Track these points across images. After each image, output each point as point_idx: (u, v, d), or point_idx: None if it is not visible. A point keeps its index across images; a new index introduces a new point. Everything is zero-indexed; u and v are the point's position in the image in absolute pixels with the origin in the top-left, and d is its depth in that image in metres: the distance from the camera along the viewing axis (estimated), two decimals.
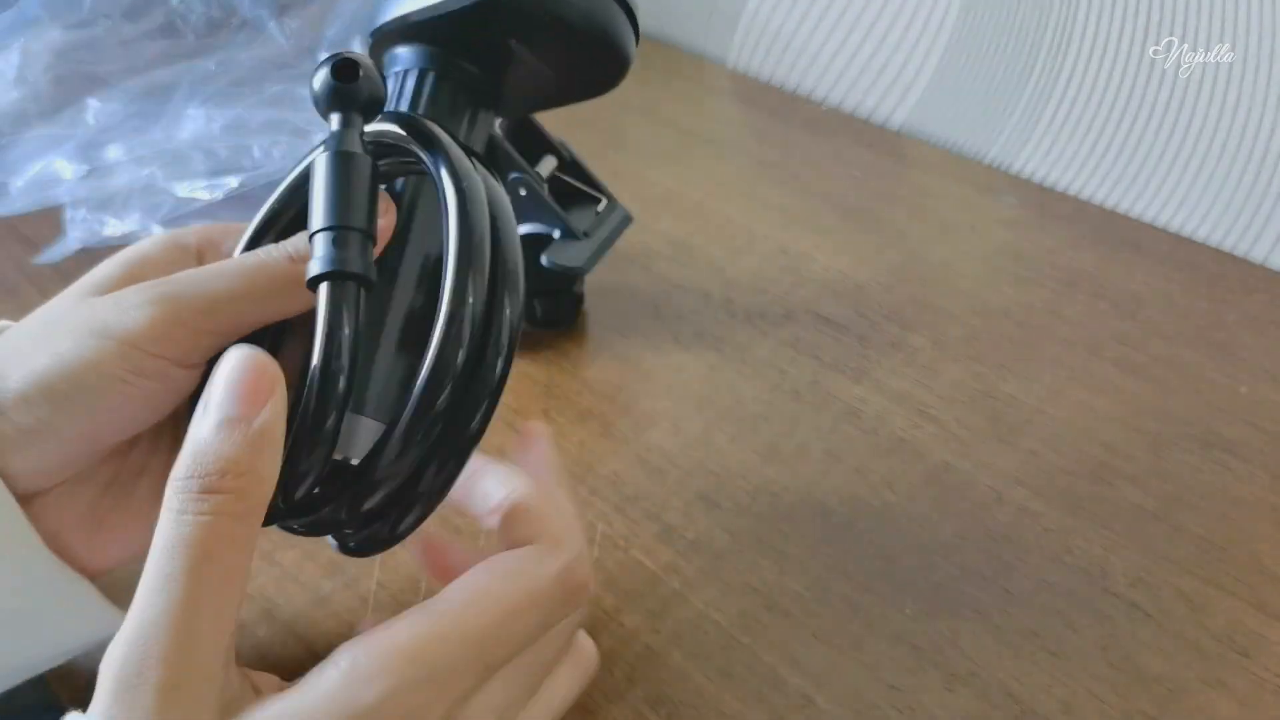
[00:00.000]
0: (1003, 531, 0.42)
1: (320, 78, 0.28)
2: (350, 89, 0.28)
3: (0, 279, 0.56)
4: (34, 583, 0.29)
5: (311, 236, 0.27)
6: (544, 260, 0.47)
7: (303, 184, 0.30)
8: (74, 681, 0.37)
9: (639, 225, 0.54)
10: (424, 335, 0.27)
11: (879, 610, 0.39)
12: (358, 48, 0.70)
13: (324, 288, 0.26)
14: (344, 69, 0.28)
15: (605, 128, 0.71)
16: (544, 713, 0.30)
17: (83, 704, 0.35)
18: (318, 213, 0.27)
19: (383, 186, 0.30)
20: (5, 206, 0.58)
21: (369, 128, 0.30)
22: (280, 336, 0.32)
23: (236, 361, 0.26)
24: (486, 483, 0.30)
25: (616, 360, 0.51)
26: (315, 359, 0.26)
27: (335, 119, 0.29)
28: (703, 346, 0.52)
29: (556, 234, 0.48)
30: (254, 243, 0.31)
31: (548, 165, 0.51)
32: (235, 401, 0.25)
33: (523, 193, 0.48)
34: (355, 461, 0.29)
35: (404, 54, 0.35)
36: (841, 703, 0.36)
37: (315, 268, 0.26)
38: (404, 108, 0.34)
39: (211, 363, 0.28)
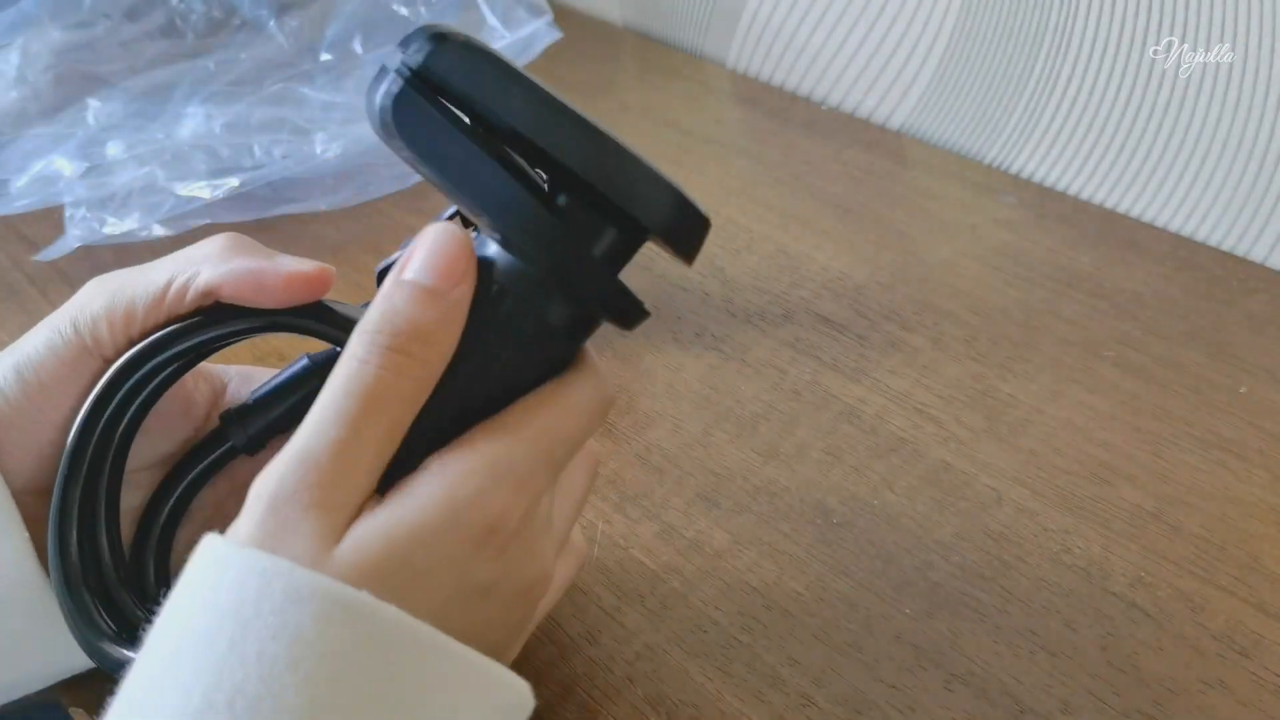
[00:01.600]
0: (1002, 531, 0.42)
1: None
2: None
3: (0, 279, 0.56)
4: (23, 592, 0.30)
5: None
6: None
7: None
8: (73, 681, 0.37)
9: None
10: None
11: (878, 610, 0.39)
12: (358, 48, 0.70)
13: None
14: None
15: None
16: (576, 508, 0.32)
17: (83, 704, 0.35)
18: None
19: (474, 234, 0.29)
20: (5, 206, 0.58)
21: None
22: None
23: (439, 235, 0.27)
24: None
25: (617, 360, 0.51)
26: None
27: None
28: (702, 346, 0.52)
29: None
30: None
31: None
32: (435, 274, 0.27)
33: None
34: None
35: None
36: (841, 702, 0.36)
37: None
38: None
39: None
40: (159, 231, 0.58)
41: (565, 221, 0.27)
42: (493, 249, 0.29)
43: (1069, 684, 0.37)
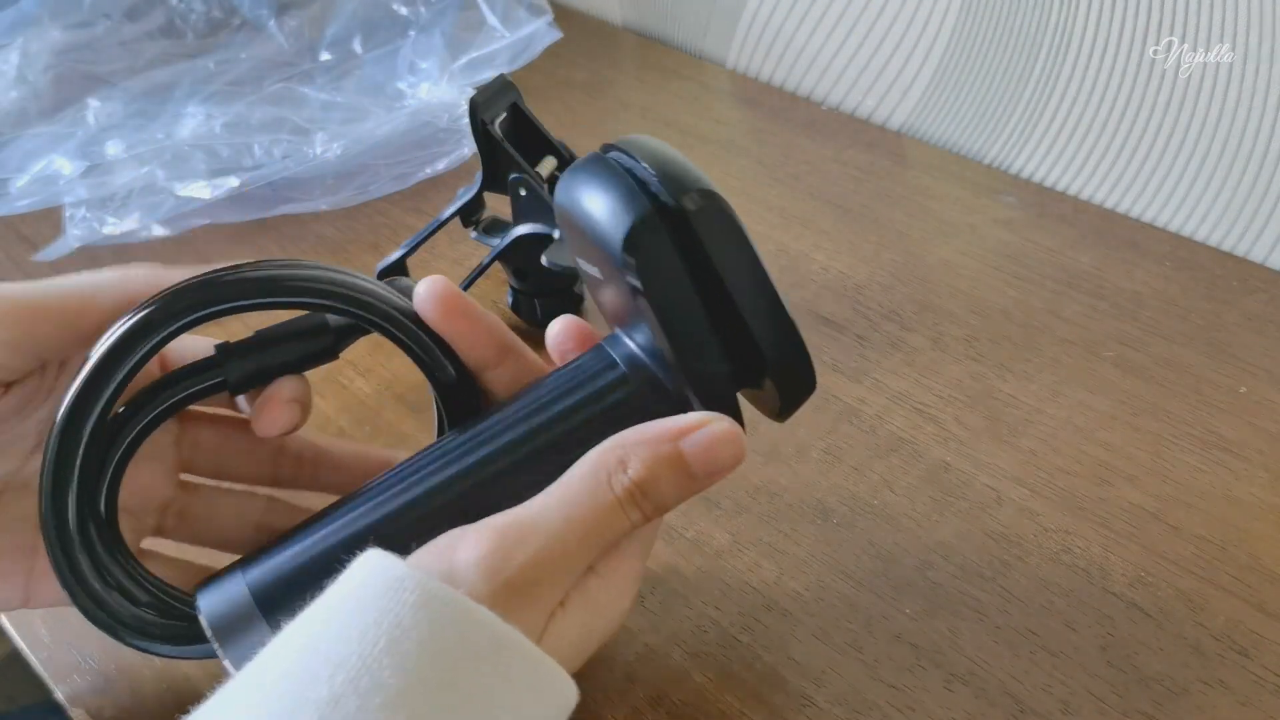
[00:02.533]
0: (1002, 531, 0.42)
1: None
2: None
3: (0, 278, 0.56)
4: None
5: None
6: (544, 260, 0.47)
7: None
8: (75, 681, 0.37)
9: None
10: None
11: (878, 610, 0.39)
12: (358, 48, 0.70)
13: None
14: None
15: (604, 128, 0.71)
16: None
17: (83, 704, 0.35)
18: None
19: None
20: (5, 206, 0.58)
21: None
22: None
23: (725, 435, 0.30)
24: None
25: None
26: None
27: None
28: None
29: (556, 234, 0.48)
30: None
31: (548, 165, 0.51)
32: (709, 469, 0.30)
33: (523, 193, 0.48)
34: None
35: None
36: (841, 702, 0.36)
37: None
38: None
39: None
40: (159, 231, 0.58)
41: (733, 386, 0.32)
42: (632, 346, 0.33)
43: (1069, 684, 0.37)
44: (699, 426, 0.30)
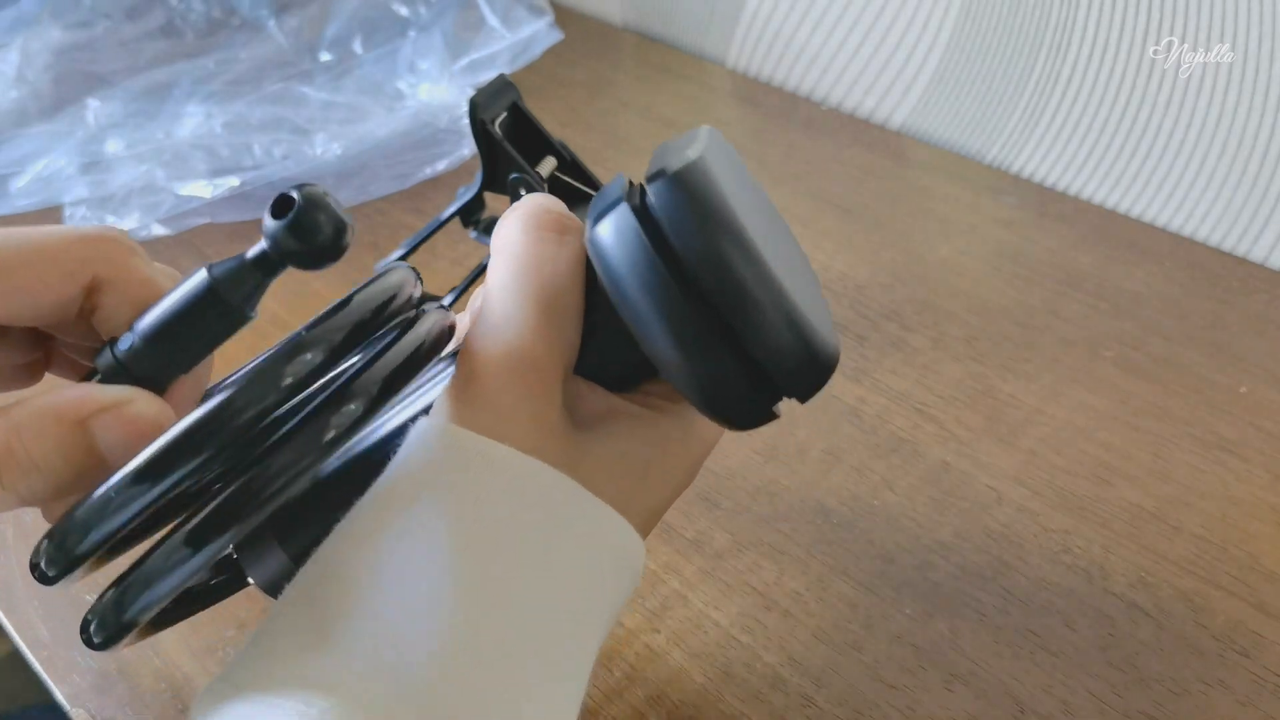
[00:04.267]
0: (1002, 531, 0.42)
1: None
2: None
3: None
4: None
5: None
6: None
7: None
8: (75, 681, 0.37)
9: None
10: None
11: (879, 610, 0.39)
12: (358, 48, 0.70)
13: None
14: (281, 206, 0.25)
15: (605, 128, 0.71)
16: None
17: (83, 704, 0.35)
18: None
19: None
20: (5, 205, 0.58)
21: None
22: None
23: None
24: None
25: None
26: None
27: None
28: None
29: None
30: None
31: (548, 165, 0.51)
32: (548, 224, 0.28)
33: (523, 193, 0.48)
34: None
35: None
36: (841, 703, 0.36)
37: None
38: None
39: None
40: (159, 230, 0.58)
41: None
42: None
43: (1069, 684, 0.37)
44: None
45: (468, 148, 0.63)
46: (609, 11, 0.87)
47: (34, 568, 0.26)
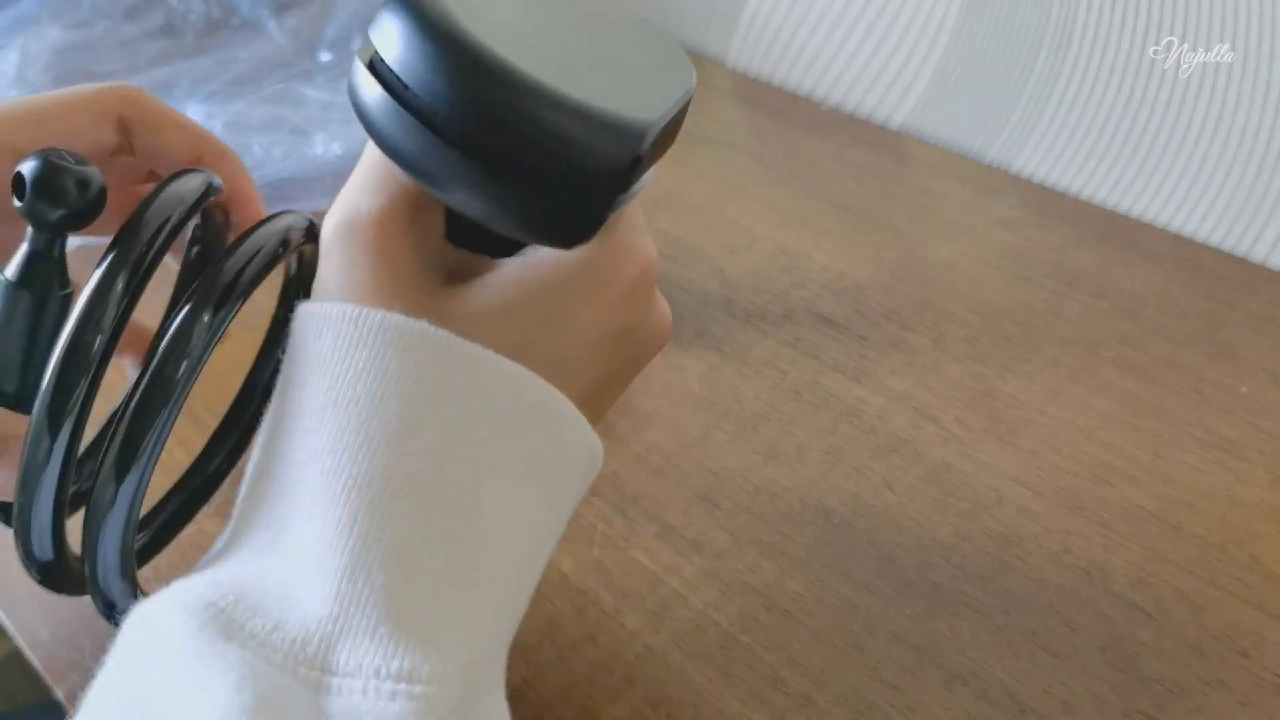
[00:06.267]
0: (1003, 532, 0.42)
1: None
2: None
3: None
4: None
5: None
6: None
7: None
8: (75, 681, 0.37)
9: None
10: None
11: (879, 610, 0.39)
12: (358, 48, 0.70)
13: None
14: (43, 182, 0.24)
15: None
16: None
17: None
18: None
19: None
20: None
21: None
22: None
23: None
24: None
25: None
26: None
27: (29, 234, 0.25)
28: (702, 346, 0.52)
29: None
30: None
31: None
32: None
33: None
34: None
35: None
36: (841, 703, 0.36)
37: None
38: None
39: None
40: None
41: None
42: None
43: (1070, 684, 0.37)
44: None
45: None
46: None
47: (40, 581, 0.27)
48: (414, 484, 0.23)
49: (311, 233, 0.28)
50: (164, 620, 0.23)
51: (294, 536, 0.23)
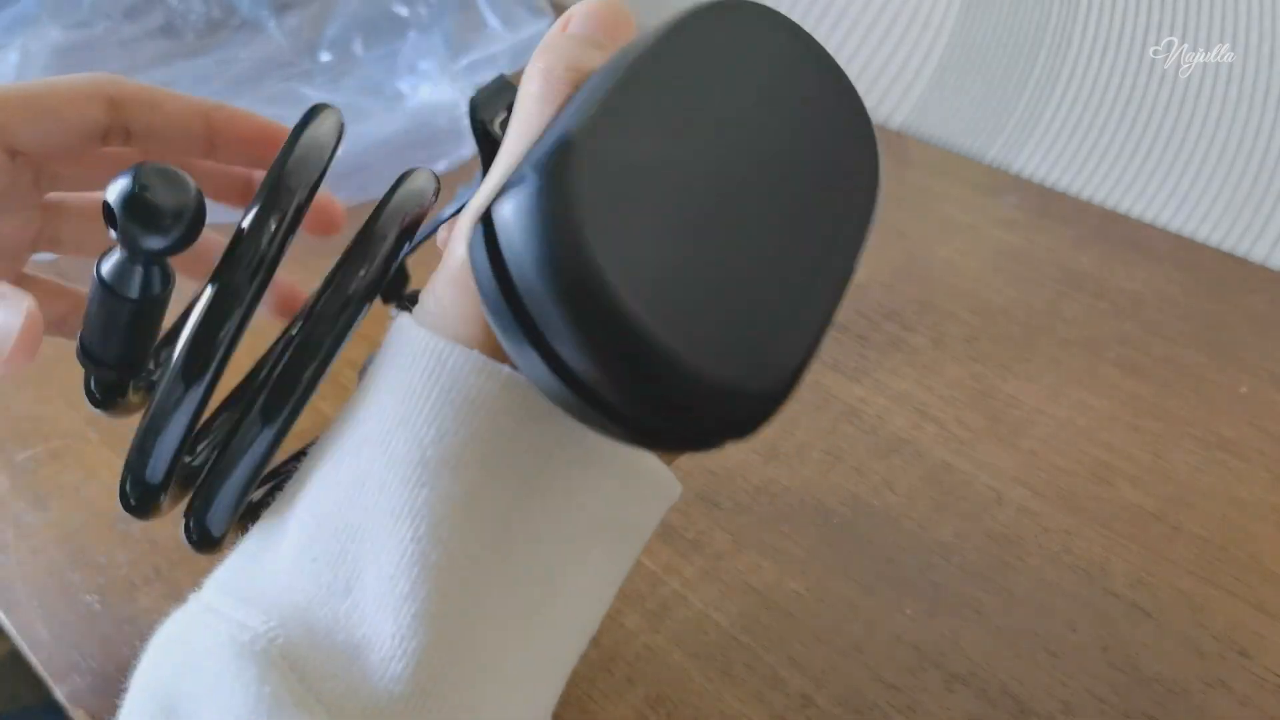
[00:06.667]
0: (1003, 531, 0.42)
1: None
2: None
3: None
4: None
5: None
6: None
7: None
8: (75, 681, 0.37)
9: None
10: None
11: (879, 610, 0.39)
12: (358, 48, 0.70)
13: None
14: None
15: None
16: None
17: (84, 705, 0.35)
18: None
19: None
20: None
21: None
22: None
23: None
24: None
25: None
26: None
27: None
28: None
29: None
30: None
31: None
32: (599, 28, 0.29)
33: None
34: None
35: None
36: (841, 703, 0.36)
37: None
38: None
39: None
40: None
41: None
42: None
43: (1070, 684, 0.37)
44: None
45: (467, 148, 0.63)
46: None
47: (122, 498, 0.27)
48: (510, 568, 0.23)
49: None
50: (214, 661, 0.22)
51: (369, 590, 0.22)
